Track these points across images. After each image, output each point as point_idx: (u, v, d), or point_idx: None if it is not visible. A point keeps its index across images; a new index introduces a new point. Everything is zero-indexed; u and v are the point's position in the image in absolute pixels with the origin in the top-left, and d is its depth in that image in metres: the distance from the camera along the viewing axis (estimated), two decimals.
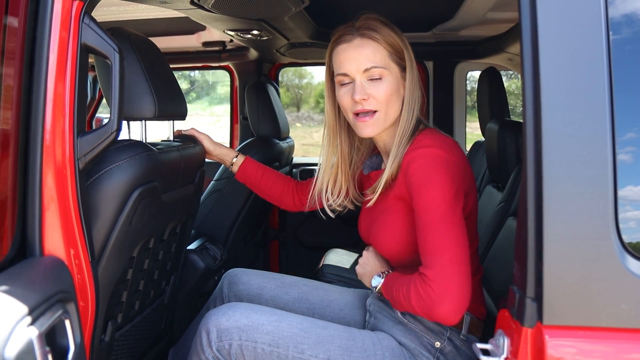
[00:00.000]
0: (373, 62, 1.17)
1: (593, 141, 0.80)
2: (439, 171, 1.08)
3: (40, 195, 0.95)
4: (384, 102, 1.18)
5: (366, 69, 1.17)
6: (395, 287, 1.15)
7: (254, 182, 1.61)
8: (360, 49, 1.18)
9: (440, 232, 1.06)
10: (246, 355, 1.17)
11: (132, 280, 1.31)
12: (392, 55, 1.19)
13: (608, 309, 0.81)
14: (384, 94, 1.18)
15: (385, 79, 1.18)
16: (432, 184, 1.08)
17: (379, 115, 1.19)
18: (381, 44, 1.18)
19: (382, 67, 1.17)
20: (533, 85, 0.82)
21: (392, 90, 1.19)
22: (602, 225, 0.80)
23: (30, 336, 0.76)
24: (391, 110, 1.20)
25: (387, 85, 1.18)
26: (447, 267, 1.04)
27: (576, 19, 0.81)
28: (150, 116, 1.25)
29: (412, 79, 1.21)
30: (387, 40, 1.18)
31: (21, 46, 0.94)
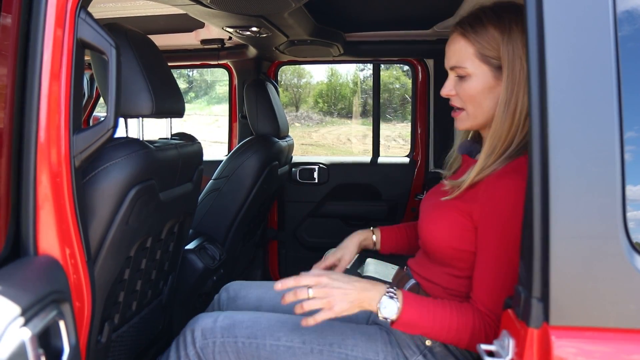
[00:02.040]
0: (456, 61, 1.13)
1: (600, 138, 0.79)
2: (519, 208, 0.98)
3: (35, 193, 0.93)
4: (468, 101, 1.14)
5: (451, 67, 1.16)
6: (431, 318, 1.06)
7: (403, 246, 1.48)
8: (450, 45, 1.15)
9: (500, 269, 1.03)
10: (229, 352, 1.22)
11: (129, 280, 1.30)
12: (481, 54, 1.10)
13: (616, 309, 0.79)
14: (467, 95, 1.14)
15: (471, 77, 1.12)
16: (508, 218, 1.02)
17: (465, 114, 1.16)
18: (470, 40, 1.11)
19: (465, 67, 1.12)
20: (539, 82, 0.80)
21: (477, 91, 1.12)
22: (609, 224, 0.78)
23: (22, 338, 0.74)
24: (479, 111, 1.14)
25: (471, 85, 1.12)
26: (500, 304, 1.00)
27: (583, 14, 0.80)
28: (147, 113, 1.23)
29: (512, 79, 1.08)
30: (479, 36, 1.10)
31: (15, 41, 0.92)
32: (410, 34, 2.37)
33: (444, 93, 1.18)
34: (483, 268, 1.06)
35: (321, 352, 1.18)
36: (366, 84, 12.31)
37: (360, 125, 11.57)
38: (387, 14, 2.14)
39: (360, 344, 1.19)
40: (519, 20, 1.09)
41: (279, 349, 1.19)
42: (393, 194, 2.82)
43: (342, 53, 2.46)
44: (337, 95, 12.83)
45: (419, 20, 2.15)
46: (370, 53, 2.63)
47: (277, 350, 1.19)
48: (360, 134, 11.06)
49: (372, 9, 2.08)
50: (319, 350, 1.19)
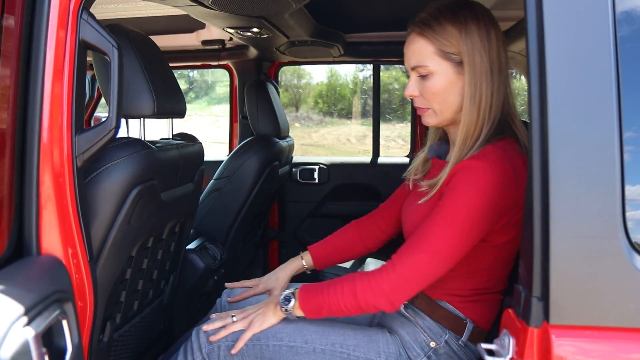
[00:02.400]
0: (417, 60, 1.13)
1: (600, 138, 0.79)
2: (478, 187, 1.03)
3: (38, 193, 0.94)
4: (433, 99, 1.14)
5: (412, 67, 1.15)
6: (325, 291, 1.13)
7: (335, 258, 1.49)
8: (409, 46, 1.16)
9: (434, 237, 1.05)
10: (233, 355, 1.21)
11: (131, 280, 1.30)
12: (441, 51, 1.11)
13: (616, 308, 0.79)
14: (430, 93, 1.14)
15: (433, 75, 1.13)
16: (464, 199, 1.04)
17: (431, 112, 1.17)
18: (429, 38, 1.11)
19: (426, 66, 1.12)
20: (539, 82, 0.81)
21: (439, 88, 1.13)
22: (609, 224, 0.78)
23: (26, 337, 0.74)
24: (445, 106, 1.14)
25: (433, 82, 1.13)
26: (413, 271, 1.06)
27: (583, 15, 0.80)
28: (148, 114, 1.24)
29: (473, 72, 1.10)
30: (437, 34, 1.11)
31: (18, 42, 0.92)
32: None
33: (408, 94, 1.17)
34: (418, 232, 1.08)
35: (323, 352, 1.19)
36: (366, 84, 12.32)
37: (360, 126, 11.56)
38: (387, 14, 2.14)
39: (362, 345, 1.19)
40: (473, 15, 1.11)
41: (282, 349, 1.20)
42: None
43: (343, 54, 2.46)
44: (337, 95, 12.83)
45: None
46: (370, 54, 2.63)
47: (279, 350, 1.20)
48: (360, 134, 11.06)
49: (372, 10, 2.08)
50: (321, 350, 1.19)
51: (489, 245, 1.11)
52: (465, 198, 1.04)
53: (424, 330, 1.19)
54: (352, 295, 1.10)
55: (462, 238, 1.04)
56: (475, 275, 1.16)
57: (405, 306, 1.23)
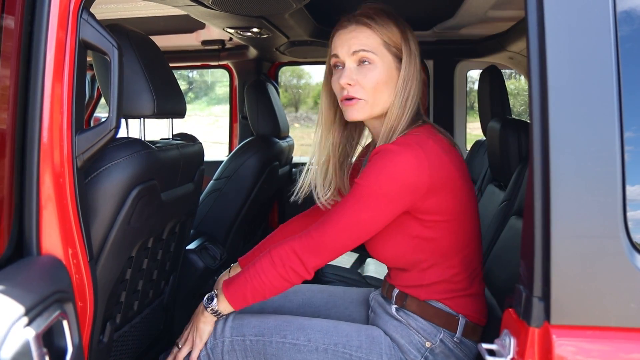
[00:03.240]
0: (363, 45, 1.16)
1: (601, 138, 0.79)
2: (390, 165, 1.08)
3: (38, 193, 0.93)
4: (371, 91, 1.16)
5: (355, 51, 1.16)
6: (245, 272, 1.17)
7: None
8: (353, 33, 1.17)
9: (352, 204, 1.10)
10: (237, 350, 1.23)
11: (131, 280, 1.30)
12: (386, 43, 1.16)
13: (617, 308, 0.79)
14: (371, 82, 1.16)
15: (374, 65, 1.16)
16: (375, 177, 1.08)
17: (363, 103, 1.17)
18: (375, 30, 1.16)
19: (371, 52, 1.15)
20: (540, 82, 0.81)
21: (381, 79, 1.16)
22: (610, 223, 0.78)
23: (26, 337, 0.74)
24: (380, 100, 1.17)
25: (375, 72, 1.16)
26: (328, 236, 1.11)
27: (583, 15, 0.80)
28: (149, 114, 1.24)
29: (408, 71, 1.18)
30: (383, 28, 1.16)
31: (18, 42, 0.92)
32: None
33: (344, 82, 1.17)
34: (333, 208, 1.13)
35: (326, 351, 1.19)
36: None
37: None
38: None
39: (365, 346, 1.19)
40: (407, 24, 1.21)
41: (285, 346, 1.20)
42: None
43: None
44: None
45: (418, 21, 2.15)
46: None
47: (282, 348, 1.20)
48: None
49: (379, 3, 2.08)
50: (323, 349, 1.19)
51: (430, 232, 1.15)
52: (377, 176, 1.08)
53: (417, 331, 1.19)
54: (270, 263, 1.14)
55: (373, 213, 1.09)
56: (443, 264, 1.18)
57: (397, 309, 1.23)
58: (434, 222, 1.14)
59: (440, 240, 1.16)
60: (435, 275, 1.18)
